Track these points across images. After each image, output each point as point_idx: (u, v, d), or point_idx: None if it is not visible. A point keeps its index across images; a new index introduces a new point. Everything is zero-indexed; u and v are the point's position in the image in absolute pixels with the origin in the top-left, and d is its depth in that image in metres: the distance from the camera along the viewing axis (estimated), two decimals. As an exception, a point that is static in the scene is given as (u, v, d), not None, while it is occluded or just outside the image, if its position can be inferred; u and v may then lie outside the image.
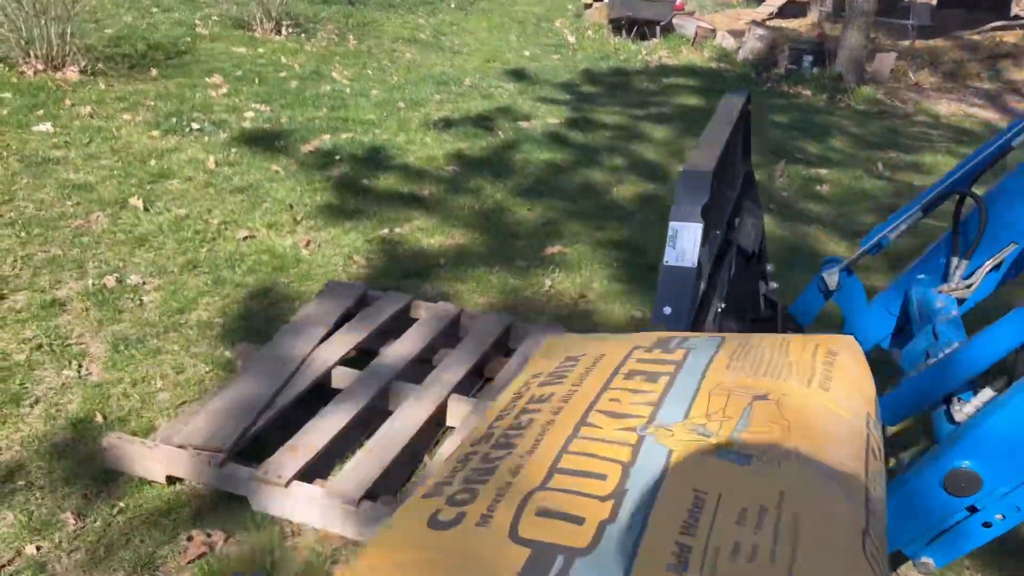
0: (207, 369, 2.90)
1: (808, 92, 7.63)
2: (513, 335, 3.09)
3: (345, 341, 2.88)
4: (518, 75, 7.87)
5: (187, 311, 3.26)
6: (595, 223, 4.39)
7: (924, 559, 1.61)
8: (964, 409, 1.63)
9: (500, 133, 5.80)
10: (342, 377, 2.75)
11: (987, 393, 1.63)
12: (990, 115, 7.21)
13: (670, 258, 1.53)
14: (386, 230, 4.12)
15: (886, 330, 2.44)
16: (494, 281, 3.70)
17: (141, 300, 3.31)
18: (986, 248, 2.23)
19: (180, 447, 2.29)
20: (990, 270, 2.24)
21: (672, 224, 1.56)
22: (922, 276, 2.33)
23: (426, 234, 4.13)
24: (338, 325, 3.00)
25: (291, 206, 4.27)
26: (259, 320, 3.24)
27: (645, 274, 3.85)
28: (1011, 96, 7.82)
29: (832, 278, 2.39)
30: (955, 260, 2.25)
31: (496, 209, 4.50)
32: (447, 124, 5.92)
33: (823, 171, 5.48)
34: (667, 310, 1.48)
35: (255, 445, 2.43)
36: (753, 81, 8.35)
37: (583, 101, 7.01)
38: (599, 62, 8.92)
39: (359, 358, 2.92)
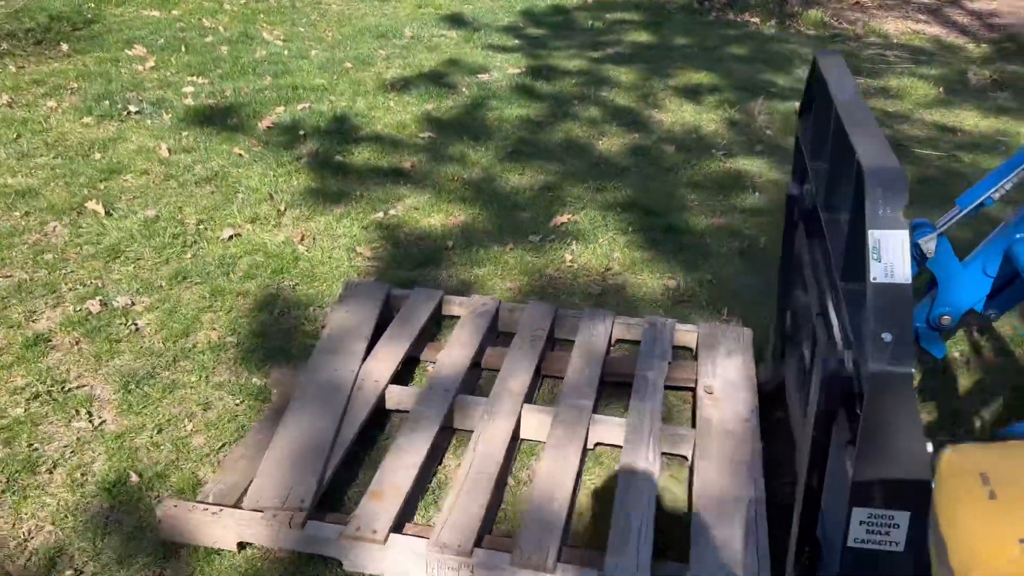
0: (237, 401, 2.60)
1: (756, 19, 7.49)
2: (558, 324, 2.88)
3: (391, 354, 2.62)
4: (456, 21, 7.44)
5: (192, 333, 2.92)
6: (593, 184, 4.17)
7: None
8: None
9: (464, 90, 5.46)
10: (398, 396, 2.50)
11: None
12: (937, 31, 7.25)
13: (877, 274, 1.34)
14: (380, 213, 3.81)
15: (981, 293, 2.34)
16: (511, 261, 3.46)
17: (136, 325, 2.95)
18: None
19: (254, 510, 2.01)
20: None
21: (872, 233, 1.37)
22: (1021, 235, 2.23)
23: (423, 214, 3.83)
24: (374, 333, 2.73)
25: (271, 195, 3.89)
26: (275, 335, 2.93)
27: (663, 237, 3.68)
28: (951, 9, 7.88)
29: (929, 244, 2.25)
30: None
31: (486, 178, 4.22)
32: (404, 84, 5.53)
33: (799, 104, 5.37)
34: (887, 337, 1.30)
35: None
36: (697, 11, 8.13)
37: (534, 46, 6.68)
38: (536, 1, 8.53)
39: (403, 368, 2.67)
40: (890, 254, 1.35)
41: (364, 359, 2.59)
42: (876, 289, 1.34)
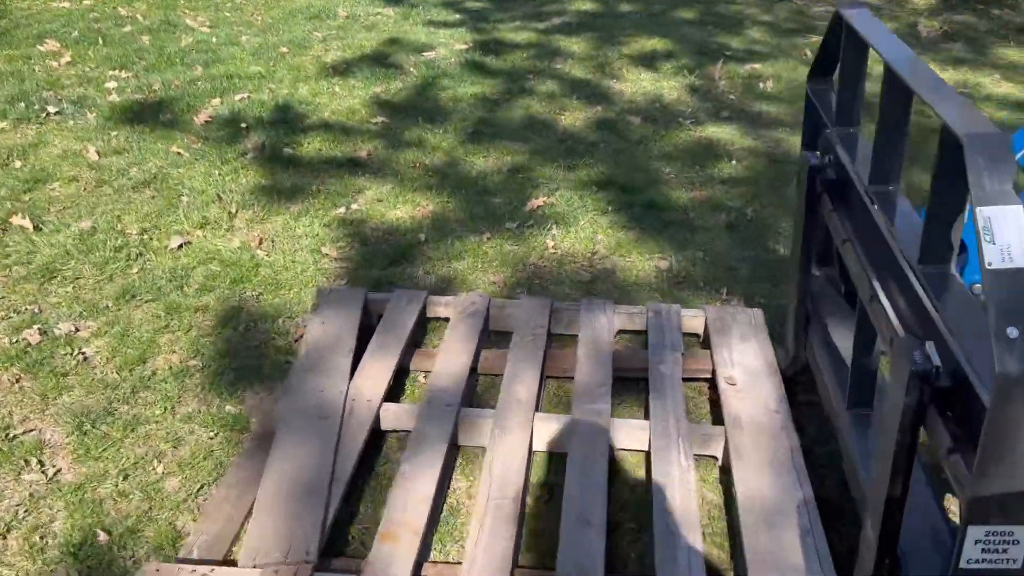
0: (210, 434, 2.32)
1: (700, -19, 7.34)
2: (556, 319, 2.66)
3: (380, 368, 2.37)
4: (391, -3, 7.09)
5: (149, 358, 2.61)
6: (563, 163, 3.95)
7: None
8: None
9: (411, 70, 5.16)
10: (394, 415, 2.25)
11: None
12: (878, -15, 7.23)
13: (993, 259, 1.16)
14: (341, 208, 3.52)
15: None
16: (490, 252, 3.22)
17: (84, 354, 2.62)
18: None
19: (253, 567, 1.75)
20: None
21: (981, 211, 1.18)
22: None
23: (388, 206, 3.56)
24: (357, 345, 2.47)
25: (219, 196, 3.56)
26: (244, 353, 2.64)
27: (645, 214, 3.48)
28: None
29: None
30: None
31: (450, 163, 3.96)
32: (347, 67, 5.20)
33: (757, 66, 5.23)
34: (1013, 332, 1.12)
35: (332, 533, 1.93)
36: (636, -25, 7.92)
37: (477, 20, 6.39)
38: (470, -28, 8.20)
39: (394, 381, 2.43)
40: (1005, 234, 1.16)
41: (351, 376, 2.33)
42: (994, 277, 1.15)
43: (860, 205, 1.91)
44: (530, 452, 2.13)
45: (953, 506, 1.97)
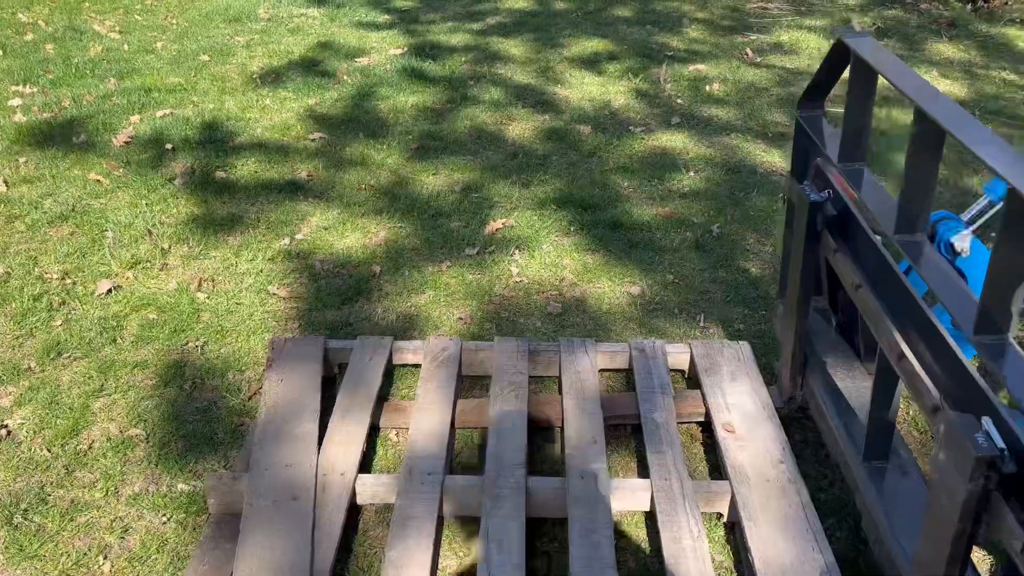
0: (162, 519, 2.07)
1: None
2: (535, 361, 2.49)
3: (351, 433, 2.15)
4: (314, -4, 6.76)
5: (83, 429, 2.33)
6: (517, 179, 3.77)
7: None
8: None
9: (345, 78, 4.88)
10: (372, 488, 2.05)
11: None
12: (808, -20, 7.25)
13: None
14: (285, 239, 3.26)
15: None
16: (452, 283, 3.03)
17: (6, 428, 2.32)
18: None
19: None
20: None
21: None
22: None
23: (336, 234, 3.31)
24: (322, 403, 2.25)
25: (149, 231, 3.25)
26: (193, 417, 2.38)
27: (610, 235, 3.34)
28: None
29: (964, 242, 2.02)
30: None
31: (398, 182, 3.74)
32: (275, 76, 4.89)
33: (701, 67, 5.15)
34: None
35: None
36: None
37: (408, 21, 6.14)
38: (395, -32, 7.90)
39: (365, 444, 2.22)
40: None
41: (320, 443, 2.11)
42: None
43: (874, 250, 1.80)
44: (527, 522, 1.96)
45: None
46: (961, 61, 5.39)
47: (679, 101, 4.71)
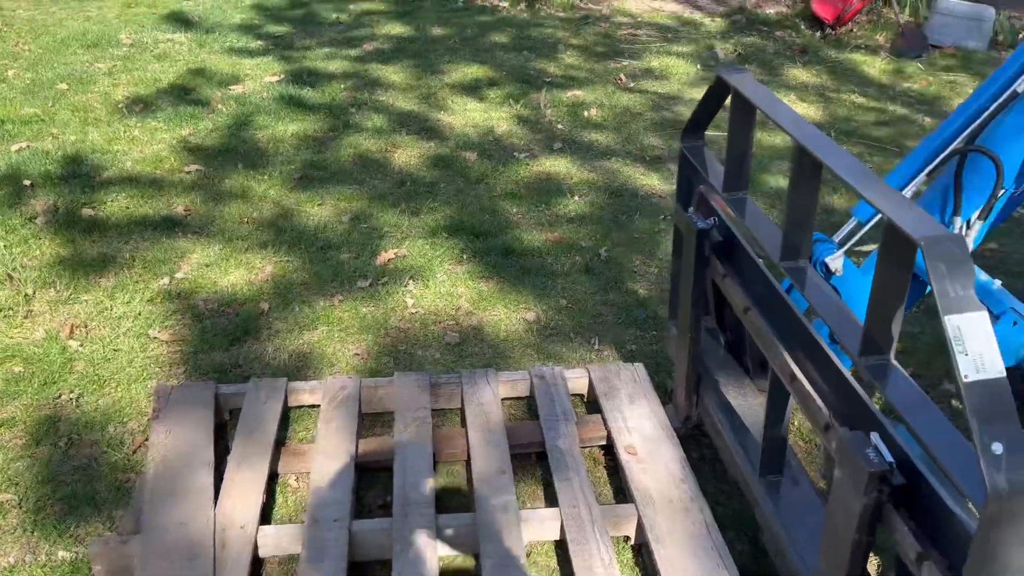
0: (43, 590, 1.91)
1: (505, 4, 7.33)
2: (437, 395, 2.47)
3: (249, 483, 2.06)
4: (180, 21, 6.51)
5: (-56, 498, 2.13)
6: (406, 207, 3.75)
7: None
8: None
9: (220, 107, 4.72)
10: (274, 540, 1.97)
11: None
12: (675, 7, 7.55)
13: (968, 371, 1.12)
14: (164, 279, 3.10)
15: None
16: (345, 317, 2.96)
17: None
18: (974, 199, 2.14)
19: None
20: (980, 219, 2.16)
21: (950, 320, 1.15)
22: None
23: (219, 271, 3.18)
24: (217, 455, 2.15)
25: (9, 276, 3.02)
26: (71, 477, 2.22)
27: (503, 261, 3.36)
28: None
29: (836, 262, 2.16)
30: (958, 220, 2.12)
31: (282, 214, 3.63)
32: (144, 105, 4.67)
33: (579, 93, 5.28)
34: (998, 448, 1.09)
35: None
36: (440, -4, 7.81)
37: (282, 47, 6.00)
38: (265, -8, 7.72)
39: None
40: (976, 344, 1.13)
41: (216, 496, 2.01)
42: (972, 390, 1.12)
43: (760, 275, 1.89)
44: (438, 562, 1.93)
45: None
46: (815, 85, 5.78)
47: (560, 127, 4.81)
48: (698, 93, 5.43)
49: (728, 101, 1.94)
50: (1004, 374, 1.13)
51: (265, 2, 7.35)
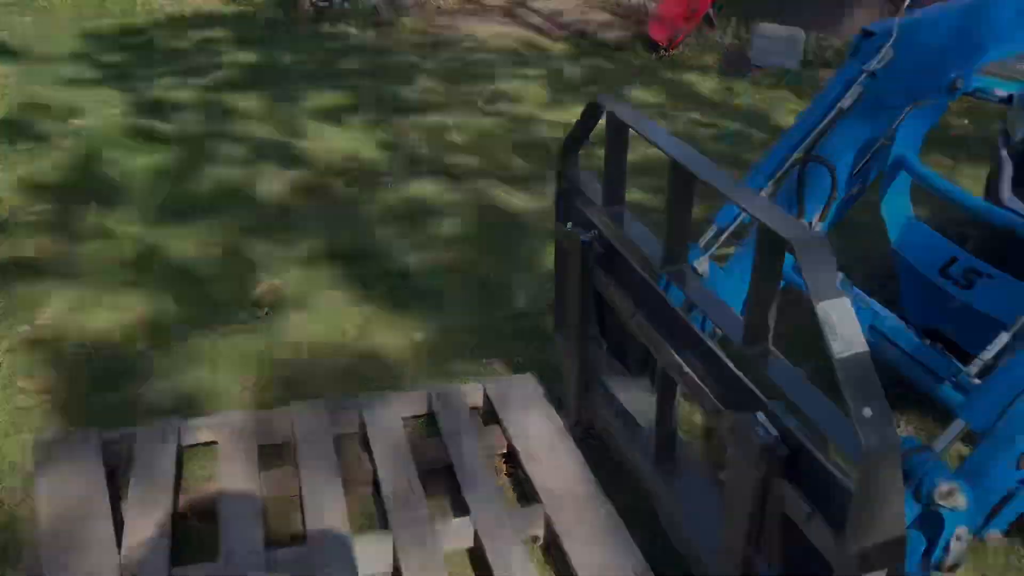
0: (-70, 668, 1.78)
1: (354, 30, 7.34)
2: (335, 421, 2.48)
3: (154, 526, 2.01)
4: (1, 51, 6.11)
5: None
6: (278, 237, 3.71)
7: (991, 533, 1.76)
8: None
9: (61, 142, 4.47)
10: (188, 582, 1.92)
11: None
12: (520, 32, 7.79)
13: (839, 349, 1.31)
14: (24, 327, 2.93)
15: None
16: (230, 353, 2.91)
17: None
18: (814, 203, 2.42)
19: None
20: (820, 221, 2.44)
21: (820, 307, 1.33)
22: None
23: (86, 315, 3.04)
24: (113, 505, 2.08)
25: None
26: (-53, 543, 2.07)
27: (384, 285, 3.40)
28: (523, 11, 8.57)
29: (704, 266, 2.37)
30: (802, 222, 2.38)
31: (146, 252, 3.51)
32: (-27, 143, 4.36)
33: (438, 117, 5.39)
34: (867, 412, 1.28)
35: None
36: (285, 23, 7.71)
37: (123, 78, 5.75)
38: (96, 21, 7.34)
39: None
40: (844, 326, 1.33)
41: (120, 546, 1.95)
42: (843, 364, 1.31)
43: (642, 281, 2.05)
44: (359, 581, 1.96)
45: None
46: (655, 104, 6.18)
47: (423, 150, 4.90)
48: (552, 115, 5.68)
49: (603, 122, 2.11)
50: (868, 349, 1.33)
51: (95, 30, 7.00)
